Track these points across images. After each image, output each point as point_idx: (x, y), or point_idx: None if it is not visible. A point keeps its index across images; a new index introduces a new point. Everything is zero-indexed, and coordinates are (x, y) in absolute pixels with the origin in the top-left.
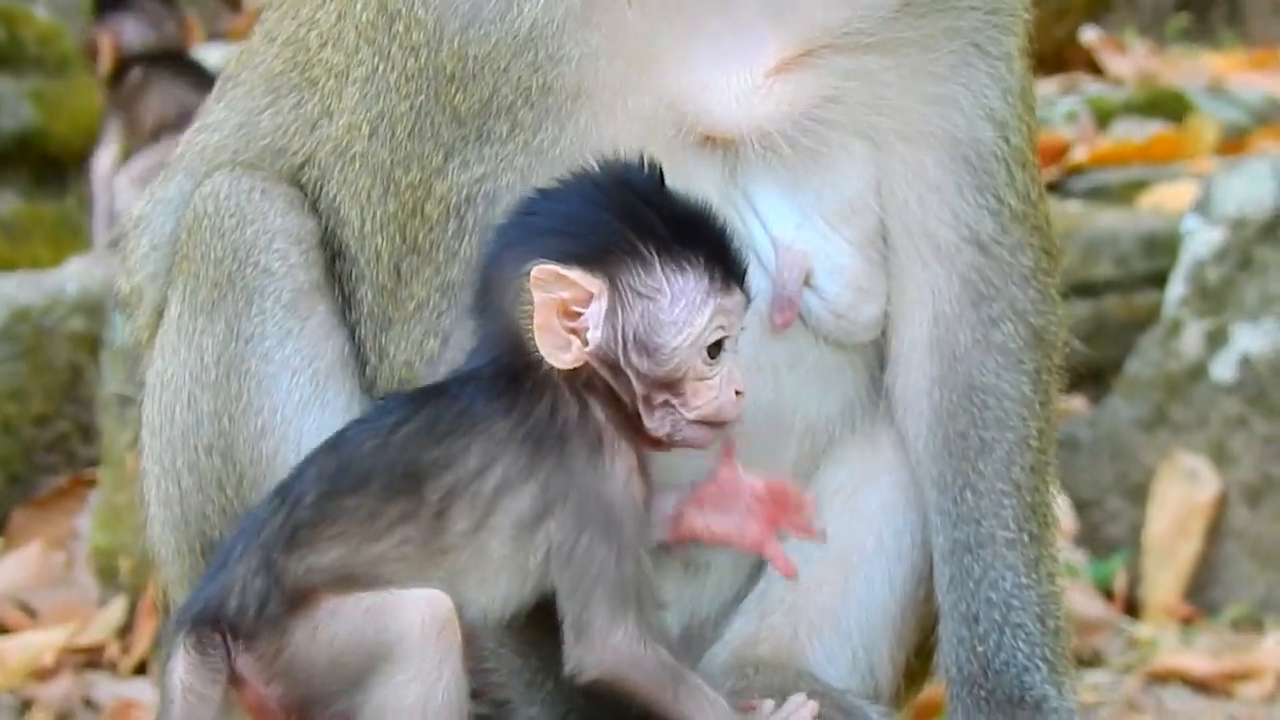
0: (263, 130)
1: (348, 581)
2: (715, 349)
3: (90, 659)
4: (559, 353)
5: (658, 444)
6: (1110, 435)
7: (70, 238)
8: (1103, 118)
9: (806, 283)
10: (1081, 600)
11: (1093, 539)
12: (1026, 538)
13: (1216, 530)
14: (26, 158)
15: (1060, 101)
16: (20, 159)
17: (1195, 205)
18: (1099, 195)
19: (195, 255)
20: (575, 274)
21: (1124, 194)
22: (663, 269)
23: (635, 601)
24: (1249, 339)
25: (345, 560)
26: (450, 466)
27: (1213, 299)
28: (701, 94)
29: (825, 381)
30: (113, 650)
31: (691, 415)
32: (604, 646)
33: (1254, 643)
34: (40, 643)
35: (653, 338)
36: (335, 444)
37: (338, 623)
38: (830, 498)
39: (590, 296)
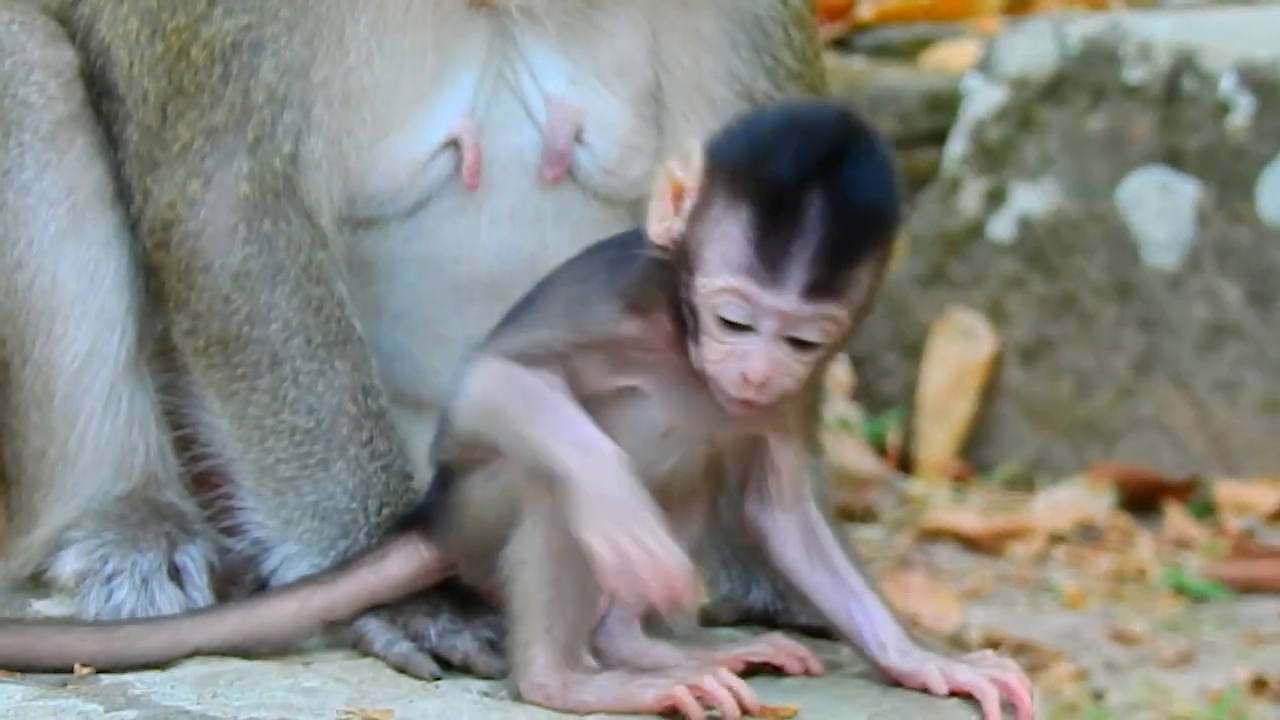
0: None
1: None
2: (730, 326)
3: None
4: (655, 220)
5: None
6: (887, 291)
7: None
8: None
9: (578, 138)
10: (855, 456)
11: (868, 395)
12: None
13: (991, 389)
14: None
15: None
16: None
17: (977, 64)
18: (883, 52)
19: None
20: (697, 166)
21: (908, 51)
22: (734, 215)
23: (513, 352)
24: (1027, 198)
25: None
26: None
27: (992, 158)
28: None
29: (591, 236)
30: None
31: (697, 364)
32: (470, 372)
33: (1025, 502)
34: None
35: (693, 263)
36: None
37: None
38: None
39: (686, 192)
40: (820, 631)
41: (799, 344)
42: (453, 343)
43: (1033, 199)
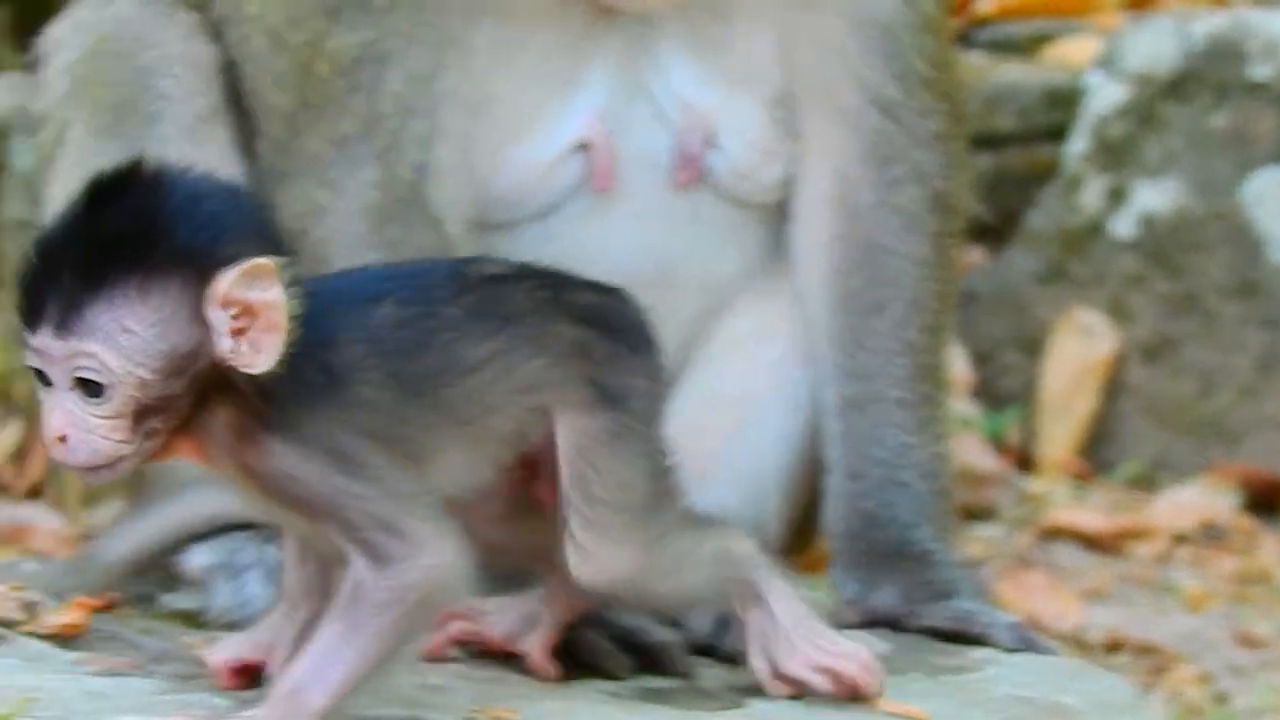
0: None
1: None
2: (42, 382)
3: None
4: None
5: None
6: (1008, 288)
7: None
8: None
9: (710, 142)
10: (975, 453)
11: (987, 392)
12: (917, 398)
13: (1112, 387)
14: None
15: None
16: None
17: (1099, 61)
18: (1003, 47)
19: (96, 79)
20: None
21: (1028, 47)
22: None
23: None
24: (1149, 196)
25: None
26: None
27: (1114, 155)
28: None
29: (725, 238)
30: (7, 473)
31: None
32: None
33: (1147, 501)
34: None
35: None
36: None
37: None
38: (728, 348)
39: None
40: (951, 635)
41: (90, 392)
42: None
43: (1154, 197)
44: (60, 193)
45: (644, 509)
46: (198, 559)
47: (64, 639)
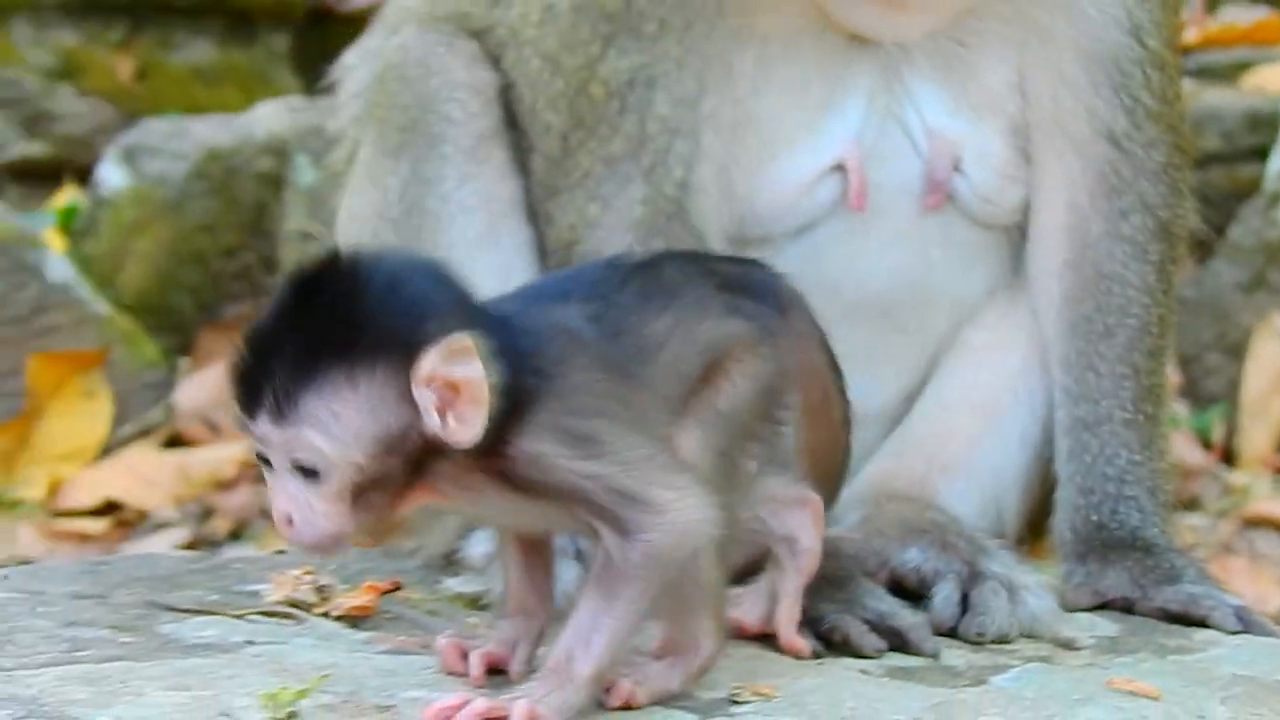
0: None
1: None
2: (264, 464)
3: None
4: None
5: None
6: (1212, 296)
7: (258, 84)
8: (1212, 2)
9: (956, 168)
10: (1183, 448)
11: (1194, 391)
12: (1142, 418)
13: None
14: (220, 10)
15: None
16: (214, 11)
17: None
18: (1206, 74)
19: (384, 103)
20: None
21: (1229, 74)
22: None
23: None
24: None
25: None
26: None
27: None
28: (842, 7)
29: (973, 258)
30: None
31: None
32: None
33: None
34: (222, 456)
35: None
36: None
37: None
38: (971, 354)
39: None
40: (1178, 617)
41: (309, 476)
42: (846, 362)
43: None
44: (351, 206)
45: (733, 438)
46: (479, 547)
47: (354, 620)
